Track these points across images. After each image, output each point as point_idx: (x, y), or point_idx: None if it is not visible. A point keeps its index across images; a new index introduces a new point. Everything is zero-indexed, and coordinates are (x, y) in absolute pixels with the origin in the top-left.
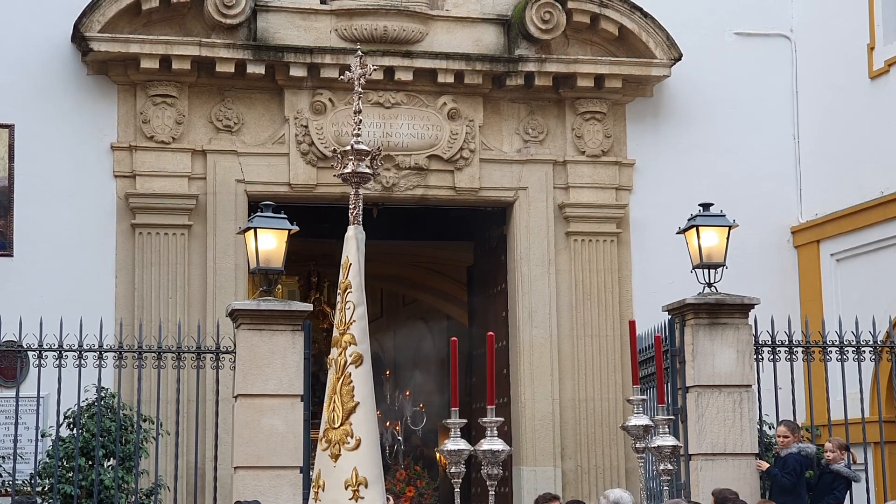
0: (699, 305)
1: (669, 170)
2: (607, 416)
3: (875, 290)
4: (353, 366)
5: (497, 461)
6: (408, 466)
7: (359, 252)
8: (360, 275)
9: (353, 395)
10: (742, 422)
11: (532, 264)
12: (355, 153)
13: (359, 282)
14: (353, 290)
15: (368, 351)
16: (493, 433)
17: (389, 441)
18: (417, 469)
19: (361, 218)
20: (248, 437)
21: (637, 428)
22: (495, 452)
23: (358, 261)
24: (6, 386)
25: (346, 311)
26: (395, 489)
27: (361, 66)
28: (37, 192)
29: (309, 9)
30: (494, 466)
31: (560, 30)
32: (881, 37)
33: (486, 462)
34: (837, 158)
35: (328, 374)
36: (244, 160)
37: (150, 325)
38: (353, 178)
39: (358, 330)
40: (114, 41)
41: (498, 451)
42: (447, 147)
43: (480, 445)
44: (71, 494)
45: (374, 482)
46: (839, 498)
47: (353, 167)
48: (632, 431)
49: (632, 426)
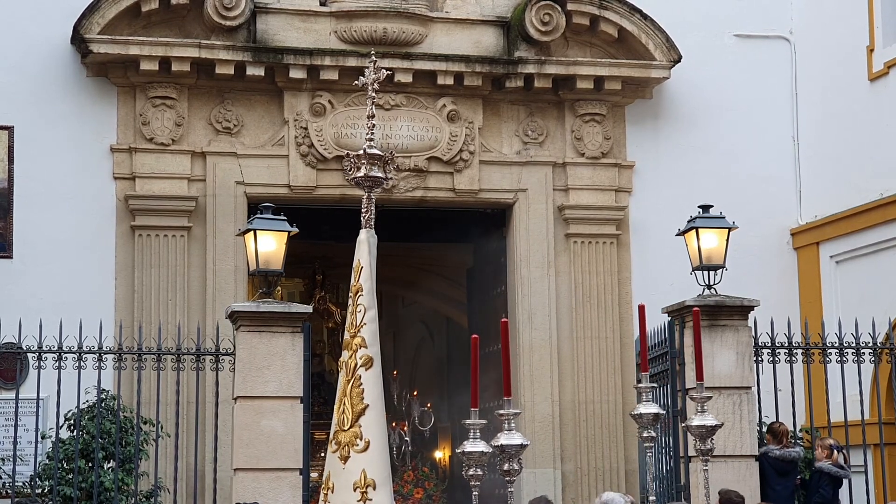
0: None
1: (669, 172)
2: (607, 417)
3: (874, 292)
4: (364, 368)
5: (517, 456)
6: (416, 468)
7: (371, 255)
8: (371, 278)
9: (362, 398)
10: (742, 424)
11: (532, 266)
12: (368, 157)
13: (370, 285)
14: (365, 293)
15: (379, 354)
16: (511, 426)
17: (397, 442)
18: (426, 470)
19: (374, 222)
20: (247, 438)
21: (646, 417)
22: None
23: (370, 264)
24: (6, 388)
25: (357, 313)
26: (403, 491)
27: (375, 70)
28: (36, 194)
29: (308, 11)
30: (514, 461)
31: (559, 32)
32: (880, 39)
33: (504, 458)
34: (837, 160)
35: (339, 377)
36: (244, 162)
37: (150, 326)
38: (365, 182)
39: (369, 333)
40: (113, 43)
41: (517, 445)
42: (447, 149)
43: (498, 440)
44: (71, 496)
45: (383, 484)
46: (825, 496)
47: (366, 171)
48: (640, 420)
49: (640, 414)
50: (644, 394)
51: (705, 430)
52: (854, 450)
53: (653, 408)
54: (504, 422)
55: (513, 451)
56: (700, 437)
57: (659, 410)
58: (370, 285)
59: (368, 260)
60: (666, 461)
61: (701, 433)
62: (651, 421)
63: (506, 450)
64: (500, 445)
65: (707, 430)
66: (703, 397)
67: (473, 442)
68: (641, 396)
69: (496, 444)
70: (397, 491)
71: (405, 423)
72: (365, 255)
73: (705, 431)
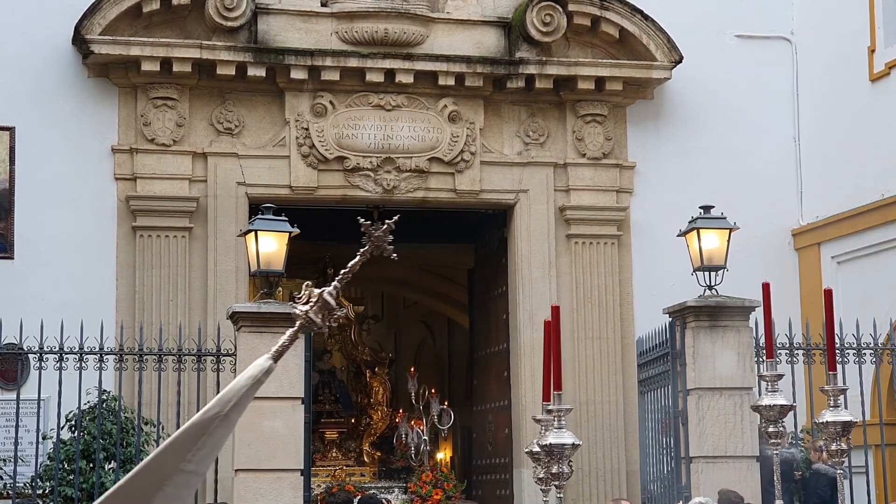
0: (700, 308)
1: (670, 172)
2: (608, 418)
3: (876, 293)
4: None
5: (568, 457)
6: (434, 468)
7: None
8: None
9: None
10: (743, 424)
11: (533, 267)
12: (323, 303)
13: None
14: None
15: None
16: (562, 424)
17: (415, 441)
18: (444, 471)
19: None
20: (248, 439)
21: (772, 409)
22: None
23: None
24: (7, 388)
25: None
26: (422, 492)
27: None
28: (38, 195)
29: (310, 11)
30: (563, 463)
31: (561, 32)
32: (882, 39)
33: (552, 459)
34: (838, 161)
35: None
36: (245, 163)
37: (151, 327)
38: (302, 318)
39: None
40: (114, 44)
41: (567, 444)
42: (448, 149)
43: (545, 438)
44: (72, 497)
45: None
46: (823, 496)
47: (311, 310)
48: (765, 413)
49: (765, 406)
50: (770, 384)
51: (777, 411)
52: (855, 450)
53: (779, 399)
54: (554, 418)
55: (563, 451)
56: (771, 420)
57: (787, 402)
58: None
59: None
60: (667, 462)
61: (772, 414)
62: (778, 414)
63: (554, 450)
64: (547, 444)
65: (779, 409)
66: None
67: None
68: (768, 386)
69: (544, 444)
70: (415, 492)
71: (422, 422)
72: (244, 378)
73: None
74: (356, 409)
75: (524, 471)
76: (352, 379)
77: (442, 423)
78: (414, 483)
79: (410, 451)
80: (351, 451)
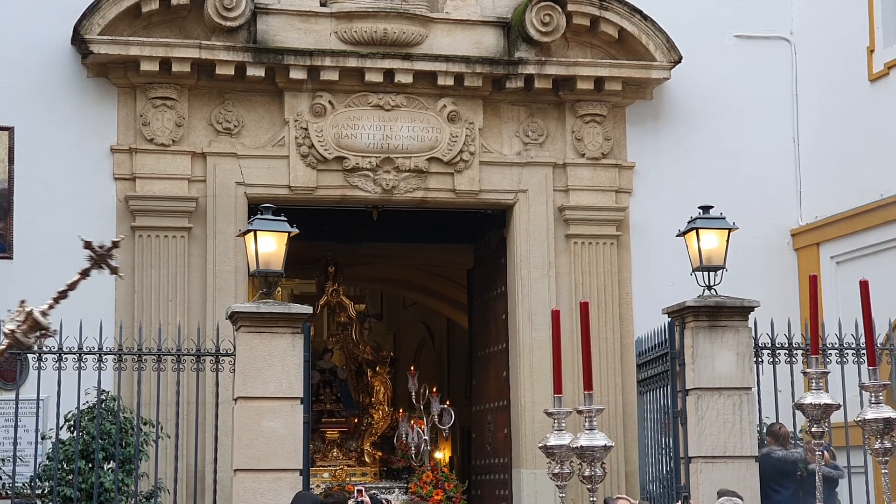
0: (699, 308)
1: (669, 172)
2: (607, 418)
3: (875, 293)
4: None
5: (600, 459)
6: (435, 468)
7: None
8: None
9: None
10: (742, 424)
11: (532, 267)
12: (32, 319)
13: None
14: None
15: None
16: (594, 425)
17: (415, 440)
18: (445, 471)
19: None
20: (247, 439)
21: (876, 423)
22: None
23: None
24: (6, 388)
25: None
26: (423, 492)
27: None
28: (37, 195)
29: (309, 11)
30: (597, 466)
31: (560, 32)
32: (881, 39)
33: (585, 461)
34: (837, 161)
35: None
36: (244, 163)
37: (150, 327)
38: (10, 338)
39: None
40: (114, 44)
41: (598, 446)
42: (447, 149)
43: (577, 441)
44: (71, 497)
45: None
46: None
47: (20, 329)
48: (809, 412)
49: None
50: (874, 394)
51: (820, 410)
52: (854, 451)
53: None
54: (585, 420)
55: (595, 454)
56: (815, 419)
57: (831, 401)
58: None
59: None
60: (666, 462)
61: (815, 414)
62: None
63: (586, 453)
64: (579, 447)
65: (822, 408)
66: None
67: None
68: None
69: (575, 446)
70: (415, 492)
71: (423, 422)
72: None
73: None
74: (358, 408)
75: (523, 471)
76: (353, 378)
77: (443, 423)
78: (414, 483)
79: (411, 450)
80: (352, 451)
